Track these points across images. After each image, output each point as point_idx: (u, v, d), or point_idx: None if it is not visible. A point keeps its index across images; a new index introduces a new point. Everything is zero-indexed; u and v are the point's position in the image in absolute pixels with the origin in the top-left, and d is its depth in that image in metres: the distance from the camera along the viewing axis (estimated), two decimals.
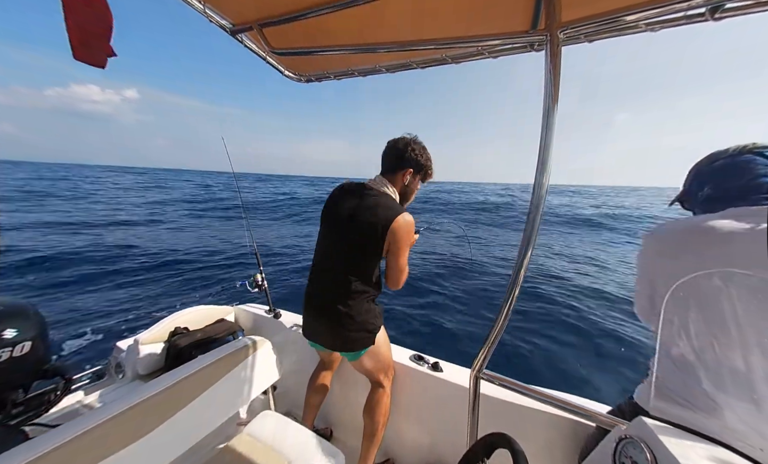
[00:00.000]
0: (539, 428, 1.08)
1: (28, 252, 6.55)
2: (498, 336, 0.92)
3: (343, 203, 1.18)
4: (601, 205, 27.49)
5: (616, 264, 7.22)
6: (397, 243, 1.11)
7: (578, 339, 3.81)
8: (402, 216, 1.10)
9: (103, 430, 0.79)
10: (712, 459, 0.58)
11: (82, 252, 6.88)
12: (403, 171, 1.20)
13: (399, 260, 1.14)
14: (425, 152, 1.22)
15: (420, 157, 1.20)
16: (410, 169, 1.20)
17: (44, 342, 1.11)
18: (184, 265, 6.48)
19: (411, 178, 1.22)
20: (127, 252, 7.23)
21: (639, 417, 0.70)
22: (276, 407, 1.42)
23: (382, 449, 1.49)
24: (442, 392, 1.31)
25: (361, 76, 1.34)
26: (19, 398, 1.05)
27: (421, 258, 6.63)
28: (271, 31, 1.11)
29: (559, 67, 0.80)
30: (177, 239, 8.66)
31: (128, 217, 12.48)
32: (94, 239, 8.07)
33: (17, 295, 4.71)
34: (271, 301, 1.90)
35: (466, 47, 1.03)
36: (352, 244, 1.14)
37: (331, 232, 1.21)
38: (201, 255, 7.24)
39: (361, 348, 1.17)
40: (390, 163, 1.21)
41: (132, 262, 6.49)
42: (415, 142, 1.20)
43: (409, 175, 1.21)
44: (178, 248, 7.74)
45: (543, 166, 0.81)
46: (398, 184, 1.21)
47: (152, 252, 7.28)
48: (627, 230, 13.24)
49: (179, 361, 1.28)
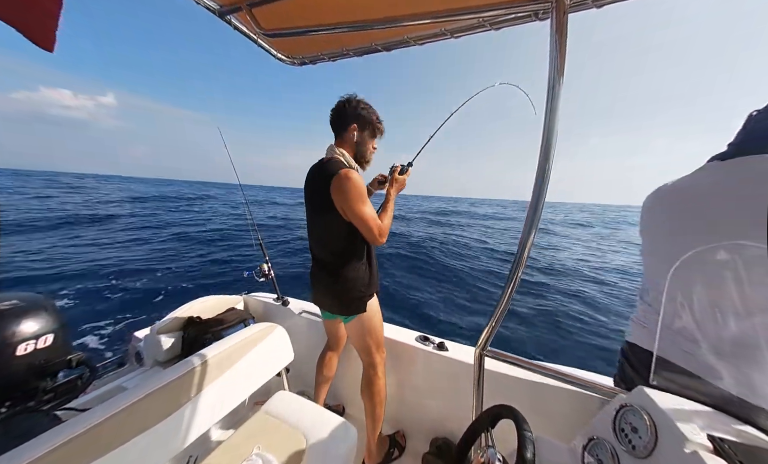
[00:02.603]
0: (543, 401, 1.12)
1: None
2: (502, 314, 0.94)
3: (308, 180, 1.24)
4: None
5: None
6: (343, 196, 1.09)
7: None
8: (337, 175, 1.09)
9: (131, 412, 0.84)
10: (711, 423, 0.60)
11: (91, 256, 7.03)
12: (347, 130, 1.19)
13: (357, 215, 1.10)
14: (368, 107, 1.20)
15: (362, 110, 1.19)
16: (353, 124, 1.18)
17: (65, 333, 1.16)
18: (191, 259, 6.60)
19: (358, 135, 1.20)
20: (132, 248, 7.36)
21: (639, 387, 0.72)
22: (290, 388, 1.49)
23: (392, 421, 1.57)
24: (448, 370, 1.36)
25: (357, 56, 1.28)
26: (49, 386, 1.12)
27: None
28: (261, 11, 1.06)
29: (566, 35, 0.76)
30: (176, 237, 8.76)
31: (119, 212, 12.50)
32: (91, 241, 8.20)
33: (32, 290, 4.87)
34: (278, 289, 1.95)
35: (466, 19, 0.98)
36: (315, 212, 1.22)
37: (306, 209, 1.28)
38: (206, 249, 7.34)
39: (354, 312, 1.21)
40: (335, 127, 1.22)
41: (138, 259, 6.62)
42: (354, 99, 1.20)
43: (354, 132, 1.19)
44: (178, 246, 7.85)
45: (548, 143, 0.79)
46: (348, 146, 1.21)
47: (154, 248, 7.40)
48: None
49: (195, 348, 1.34)
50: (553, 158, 0.80)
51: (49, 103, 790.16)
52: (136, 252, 7.21)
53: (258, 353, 1.26)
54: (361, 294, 1.20)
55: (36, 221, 10.51)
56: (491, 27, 0.99)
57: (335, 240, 1.19)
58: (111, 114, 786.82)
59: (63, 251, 6.93)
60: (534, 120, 1.14)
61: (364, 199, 1.11)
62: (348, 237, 1.17)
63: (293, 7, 1.02)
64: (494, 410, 0.66)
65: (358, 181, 1.11)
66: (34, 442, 0.70)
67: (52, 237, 8.13)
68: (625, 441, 0.65)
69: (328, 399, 1.59)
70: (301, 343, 1.74)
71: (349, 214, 1.11)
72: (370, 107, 1.21)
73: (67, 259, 6.33)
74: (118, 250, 7.32)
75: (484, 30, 1.01)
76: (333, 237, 1.19)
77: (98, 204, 17.75)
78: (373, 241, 1.16)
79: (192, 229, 9.54)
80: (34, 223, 9.77)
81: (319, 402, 1.51)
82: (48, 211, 13.36)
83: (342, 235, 1.17)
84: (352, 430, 1.06)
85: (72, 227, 9.75)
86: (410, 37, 1.13)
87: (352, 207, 1.09)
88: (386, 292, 4.87)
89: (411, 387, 1.50)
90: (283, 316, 1.85)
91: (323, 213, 1.16)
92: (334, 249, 1.21)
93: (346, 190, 1.08)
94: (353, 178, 1.10)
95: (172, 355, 1.66)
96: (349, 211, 1.10)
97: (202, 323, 1.71)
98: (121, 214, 12.44)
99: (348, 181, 1.09)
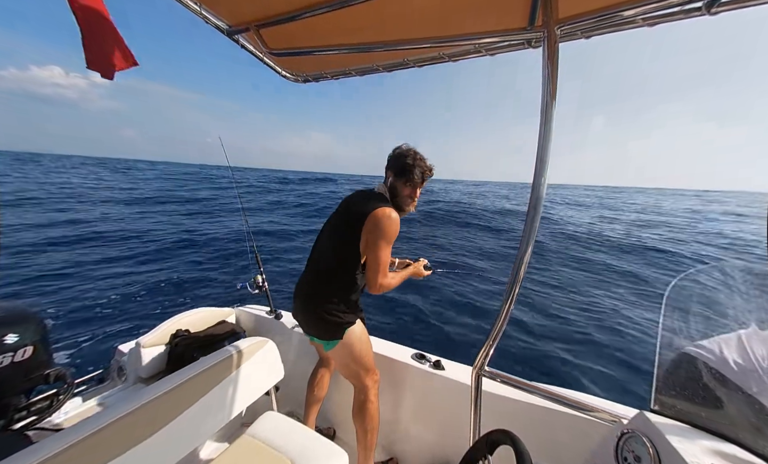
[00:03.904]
0: (543, 425, 1.08)
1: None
2: (499, 333, 0.92)
3: (347, 201, 1.29)
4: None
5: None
6: (373, 233, 1.11)
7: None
8: (383, 209, 1.13)
9: (106, 434, 0.79)
10: (715, 453, 0.58)
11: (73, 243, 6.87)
12: (387, 173, 1.28)
13: (376, 253, 1.12)
14: (407, 157, 1.22)
15: (398, 159, 1.23)
16: (390, 172, 1.26)
17: (46, 346, 1.11)
18: (182, 266, 6.48)
19: (393, 180, 1.26)
20: (122, 249, 7.21)
21: (641, 412, 0.70)
22: (279, 407, 1.42)
23: (385, 447, 1.49)
24: (444, 390, 1.31)
25: (359, 76, 1.34)
26: (22, 403, 1.05)
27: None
28: (268, 32, 1.11)
29: (557, 63, 0.80)
30: (172, 238, 8.64)
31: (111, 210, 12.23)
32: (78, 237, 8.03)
33: (17, 299, 4.70)
34: (271, 302, 1.90)
35: (463, 45, 1.03)
36: (334, 230, 1.24)
37: (327, 224, 1.31)
38: (199, 256, 7.23)
39: (330, 339, 1.18)
40: (397, 169, 1.26)
41: (127, 262, 6.48)
42: (403, 149, 1.26)
43: (390, 177, 1.26)
44: (176, 247, 7.73)
45: (541, 164, 0.81)
46: (402, 191, 1.27)
47: (149, 251, 7.28)
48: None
49: (181, 364, 1.28)
50: (546, 179, 0.82)
51: (39, 82, 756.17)
52: (122, 250, 7.05)
53: (246, 370, 1.21)
54: (339, 319, 1.17)
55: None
56: (487, 52, 1.04)
57: (342, 261, 1.18)
58: (104, 94, 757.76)
59: (40, 253, 6.75)
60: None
61: (390, 243, 1.14)
62: (351, 269, 1.18)
63: (299, 29, 1.06)
64: (492, 436, 0.64)
65: (396, 226, 1.14)
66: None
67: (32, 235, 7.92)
68: None
69: (318, 421, 1.51)
70: (292, 359, 1.69)
71: (371, 248, 1.13)
72: (410, 156, 1.23)
73: (44, 263, 6.17)
74: (103, 250, 7.15)
75: (479, 55, 1.06)
76: (341, 263, 1.19)
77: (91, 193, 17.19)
78: (371, 286, 1.16)
79: (188, 231, 9.40)
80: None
81: (309, 423, 1.44)
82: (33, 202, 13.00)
83: (348, 265, 1.18)
84: (343, 456, 1.01)
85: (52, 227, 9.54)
86: (410, 60, 1.18)
87: (379, 244, 1.11)
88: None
89: (405, 409, 1.44)
90: (276, 331, 1.80)
91: (345, 237, 1.17)
92: (334, 275, 1.20)
93: (385, 228, 1.11)
94: (395, 221, 1.13)
95: (156, 371, 1.58)
96: (373, 246, 1.12)
97: (191, 337, 1.65)
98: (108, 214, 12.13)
99: (390, 221, 1.12)
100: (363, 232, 1.13)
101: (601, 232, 12.13)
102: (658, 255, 8.58)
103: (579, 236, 10.89)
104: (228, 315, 1.94)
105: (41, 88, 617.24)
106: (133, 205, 13.89)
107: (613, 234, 11.52)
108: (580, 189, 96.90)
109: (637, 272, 6.81)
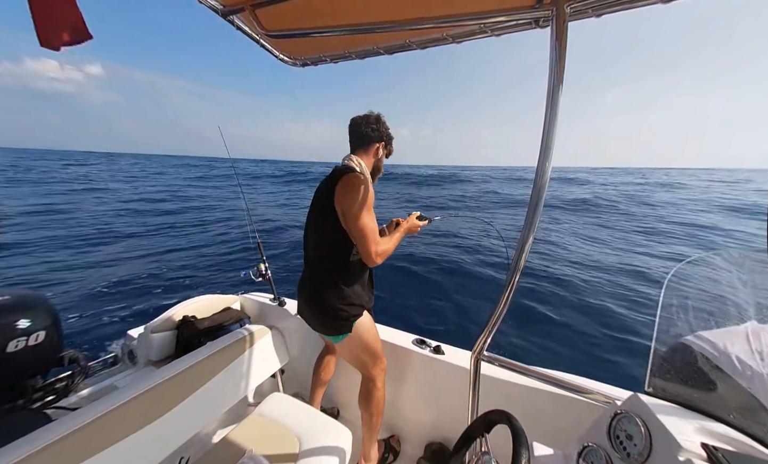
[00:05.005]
0: (539, 406, 1.12)
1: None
2: (499, 319, 0.94)
3: (318, 185, 1.24)
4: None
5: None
6: (345, 203, 1.05)
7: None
8: (346, 176, 1.08)
9: (121, 412, 0.83)
10: (705, 432, 0.60)
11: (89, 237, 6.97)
12: (374, 145, 1.24)
13: (356, 222, 1.05)
14: (389, 128, 1.27)
15: (388, 130, 1.26)
16: (382, 142, 1.25)
17: (58, 331, 1.15)
18: (185, 256, 6.56)
19: (383, 152, 1.26)
20: (128, 243, 7.30)
21: (635, 394, 0.72)
22: (284, 389, 1.48)
23: (387, 425, 1.56)
24: (444, 374, 1.35)
25: (359, 58, 1.29)
26: (39, 384, 1.10)
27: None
28: (265, 12, 1.07)
29: (565, 43, 0.77)
30: (175, 231, 8.71)
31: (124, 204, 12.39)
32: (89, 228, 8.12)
33: (28, 287, 4.81)
34: (274, 289, 1.94)
35: (468, 25, 0.99)
36: (315, 217, 1.20)
37: (309, 215, 1.26)
38: (202, 245, 7.31)
39: (338, 334, 1.15)
40: (359, 139, 1.24)
41: (133, 253, 6.57)
42: (383, 118, 1.26)
43: (380, 149, 1.25)
44: (177, 239, 7.80)
45: (546, 150, 0.79)
46: (369, 159, 1.24)
47: (151, 240, 7.35)
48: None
49: (189, 348, 1.33)
50: (551, 163, 0.80)
51: (34, 76, 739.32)
52: (132, 246, 7.16)
53: (253, 354, 1.25)
54: (346, 314, 1.12)
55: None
56: (492, 33, 1.00)
57: (328, 251, 1.14)
58: (100, 86, 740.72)
59: (51, 244, 6.86)
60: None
61: (368, 208, 1.06)
62: (342, 250, 1.11)
63: (296, 8, 1.02)
64: (489, 415, 0.66)
65: (369, 188, 1.07)
66: (21, 441, 0.69)
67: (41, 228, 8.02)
68: (619, 448, 0.65)
69: (323, 401, 1.57)
70: (297, 344, 1.73)
71: (348, 219, 1.06)
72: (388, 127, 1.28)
73: (56, 253, 6.27)
74: (112, 244, 7.25)
75: (485, 36, 1.02)
76: (326, 247, 1.14)
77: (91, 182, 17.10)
78: (367, 257, 1.08)
79: (190, 225, 9.47)
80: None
81: (314, 404, 1.49)
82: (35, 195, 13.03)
83: (335, 247, 1.11)
84: (347, 433, 1.05)
85: (59, 215, 9.59)
86: (412, 41, 1.14)
87: (354, 212, 1.04)
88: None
89: (407, 392, 1.49)
90: (280, 317, 1.84)
91: (322, 217, 1.13)
92: (324, 261, 1.15)
93: (353, 191, 1.05)
94: (364, 183, 1.06)
95: (165, 355, 1.64)
96: (350, 215, 1.05)
97: (197, 323, 1.69)
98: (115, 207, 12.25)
99: (358, 183, 1.06)
100: (337, 207, 1.08)
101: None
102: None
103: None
104: (233, 302, 1.98)
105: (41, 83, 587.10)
106: (132, 202, 13.85)
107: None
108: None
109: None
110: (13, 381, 1.01)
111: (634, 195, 20.44)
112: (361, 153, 1.23)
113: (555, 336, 3.55)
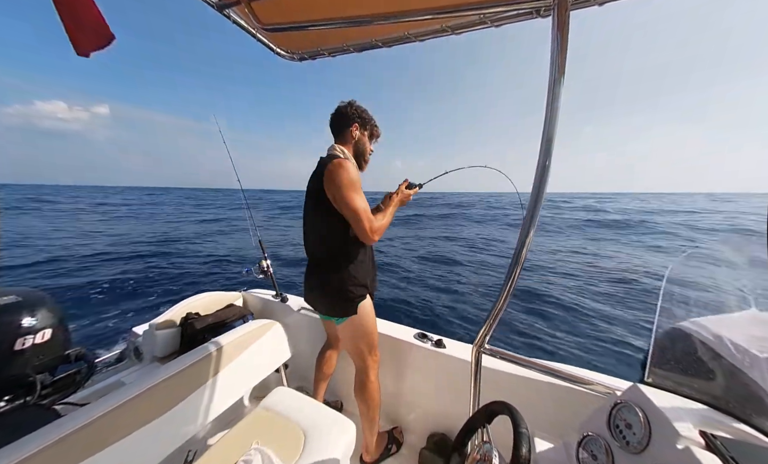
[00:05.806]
0: (539, 397, 1.13)
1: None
2: (500, 313, 0.95)
3: (309, 181, 1.25)
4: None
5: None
6: (334, 187, 1.08)
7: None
8: (331, 162, 1.10)
9: (129, 407, 0.84)
10: (704, 420, 0.61)
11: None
12: (350, 128, 1.24)
13: (348, 203, 1.08)
14: (367, 110, 1.27)
15: (362, 112, 1.25)
16: (355, 124, 1.24)
17: (64, 328, 1.16)
18: (190, 255, 6.58)
19: (359, 133, 1.26)
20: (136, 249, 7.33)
21: (635, 384, 0.73)
22: (288, 383, 1.50)
23: (390, 417, 1.58)
24: (446, 367, 1.37)
25: (357, 52, 1.28)
26: (47, 381, 1.12)
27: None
28: (261, 5, 1.05)
29: (567, 34, 0.76)
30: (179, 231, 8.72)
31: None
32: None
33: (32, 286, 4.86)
34: (277, 286, 1.95)
35: (467, 15, 0.97)
36: (309, 206, 1.22)
37: (304, 209, 1.29)
38: (206, 245, 7.33)
39: (344, 315, 1.19)
40: (336, 127, 1.26)
41: (140, 259, 6.60)
42: (354, 102, 1.26)
43: (356, 131, 1.24)
44: (180, 238, 7.83)
45: (547, 145, 0.79)
46: (349, 144, 1.25)
47: (157, 242, 7.38)
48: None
49: (194, 344, 1.34)
50: (552, 157, 0.80)
51: (43, 115, 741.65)
52: (137, 249, 7.20)
53: (256, 349, 1.26)
54: (352, 295, 1.17)
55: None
56: (492, 24, 0.98)
57: (327, 236, 1.17)
58: (106, 124, 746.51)
59: (63, 244, 6.90)
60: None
61: (356, 189, 1.09)
62: (340, 233, 1.15)
63: (293, 1, 1.01)
64: (491, 406, 0.67)
65: (352, 170, 1.10)
66: (32, 436, 0.70)
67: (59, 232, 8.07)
68: (619, 437, 0.66)
69: (326, 395, 1.60)
70: (300, 340, 1.75)
71: (340, 203, 1.09)
72: (368, 111, 1.27)
73: (68, 253, 6.30)
74: (117, 247, 7.29)
75: (485, 27, 1.00)
76: (324, 233, 1.17)
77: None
78: (364, 237, 1.11)
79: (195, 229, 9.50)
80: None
81: (318, 398, 1.52)
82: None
83: (333, 231, 1.15)
84: (350, 425, 1.07)
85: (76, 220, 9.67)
86: (411, 34, 1.12)
87: (343, 195, 1.07)
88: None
89: (409, 384, 1.51)
90: (282, 313, 1.86)
91: (316, 206, 1.16)
92: (325, 247, 1.19)
93: (339, 176, 1.07)
94: (347, 166, 1.10)
95: (170, 351, 1.66)
96: (340, 199, 1.08)
97: (201, 319, 1.71)
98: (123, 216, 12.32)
99: (341, 168, 1.08)
100: (328, 194, 1.11)
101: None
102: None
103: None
104: (235, 298, 2.00)
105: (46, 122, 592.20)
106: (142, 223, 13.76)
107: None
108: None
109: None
110: (23, 378, 1.03)
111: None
112: (341, 140, 1.25)
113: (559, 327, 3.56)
